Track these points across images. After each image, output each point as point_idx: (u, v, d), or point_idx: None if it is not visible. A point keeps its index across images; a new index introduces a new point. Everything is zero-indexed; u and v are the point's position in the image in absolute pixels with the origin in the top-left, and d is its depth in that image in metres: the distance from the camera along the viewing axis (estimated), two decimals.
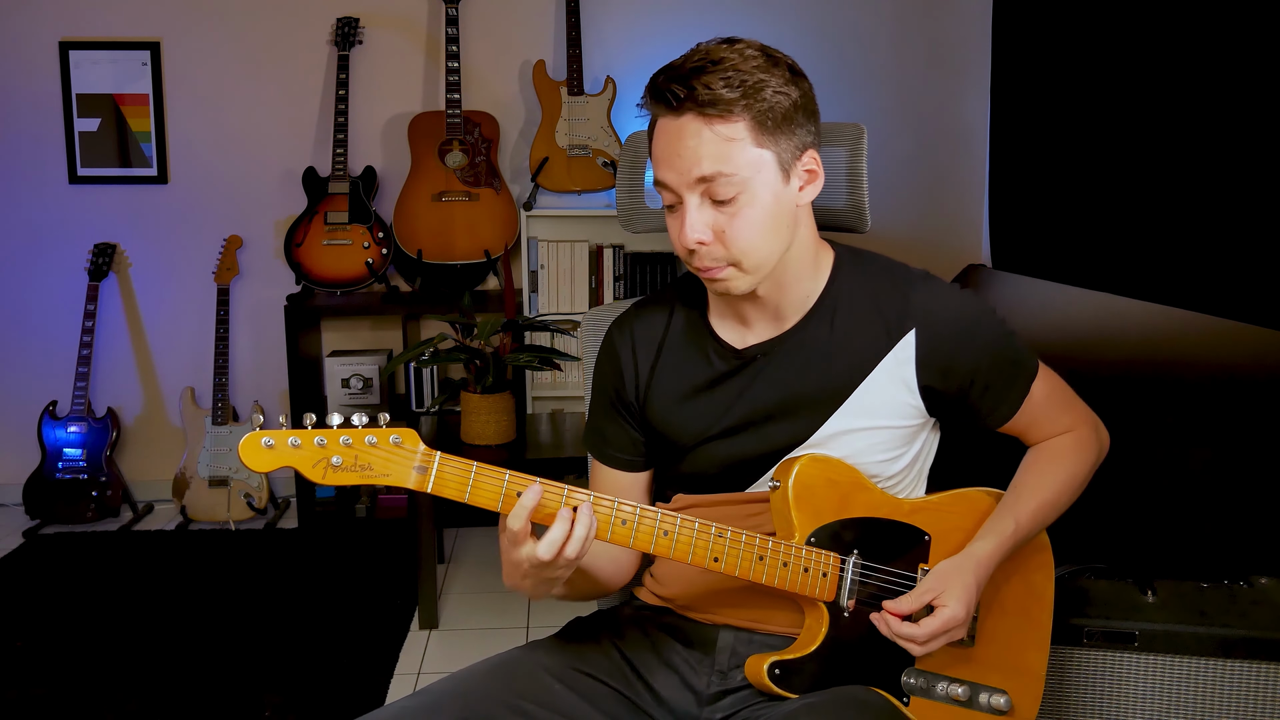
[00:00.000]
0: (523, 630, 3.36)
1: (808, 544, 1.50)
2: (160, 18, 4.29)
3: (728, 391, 1.59)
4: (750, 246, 1.45)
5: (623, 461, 1.68)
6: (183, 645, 3.22)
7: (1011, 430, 1.66)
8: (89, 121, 4.32)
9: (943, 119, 4.53)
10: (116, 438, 4.33)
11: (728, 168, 1.40)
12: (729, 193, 1.41)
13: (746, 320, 1.60)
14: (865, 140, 1.75)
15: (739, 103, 1.39)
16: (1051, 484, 1.63)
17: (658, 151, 1.45)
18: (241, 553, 3.96)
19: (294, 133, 4.37)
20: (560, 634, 1.67)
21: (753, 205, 1.43)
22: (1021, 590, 1.65)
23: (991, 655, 1.61)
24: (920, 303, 1.55)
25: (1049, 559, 1.69)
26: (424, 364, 3.52)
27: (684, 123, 1.40)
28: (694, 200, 1.43)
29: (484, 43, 4.35)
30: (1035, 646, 1.66)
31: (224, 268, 4.27)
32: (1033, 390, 1.62)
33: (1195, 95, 2.68)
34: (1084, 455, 1.67)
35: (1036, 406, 1.63)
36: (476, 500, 1.36)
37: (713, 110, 1.39)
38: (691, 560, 1.45)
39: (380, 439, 1.33)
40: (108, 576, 3.73)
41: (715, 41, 1.44)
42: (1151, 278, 2.80)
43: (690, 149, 1.40)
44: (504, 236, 4.20)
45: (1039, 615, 1.67)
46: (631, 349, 1.66)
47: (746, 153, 1.41)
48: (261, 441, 1.30)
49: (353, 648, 3.22)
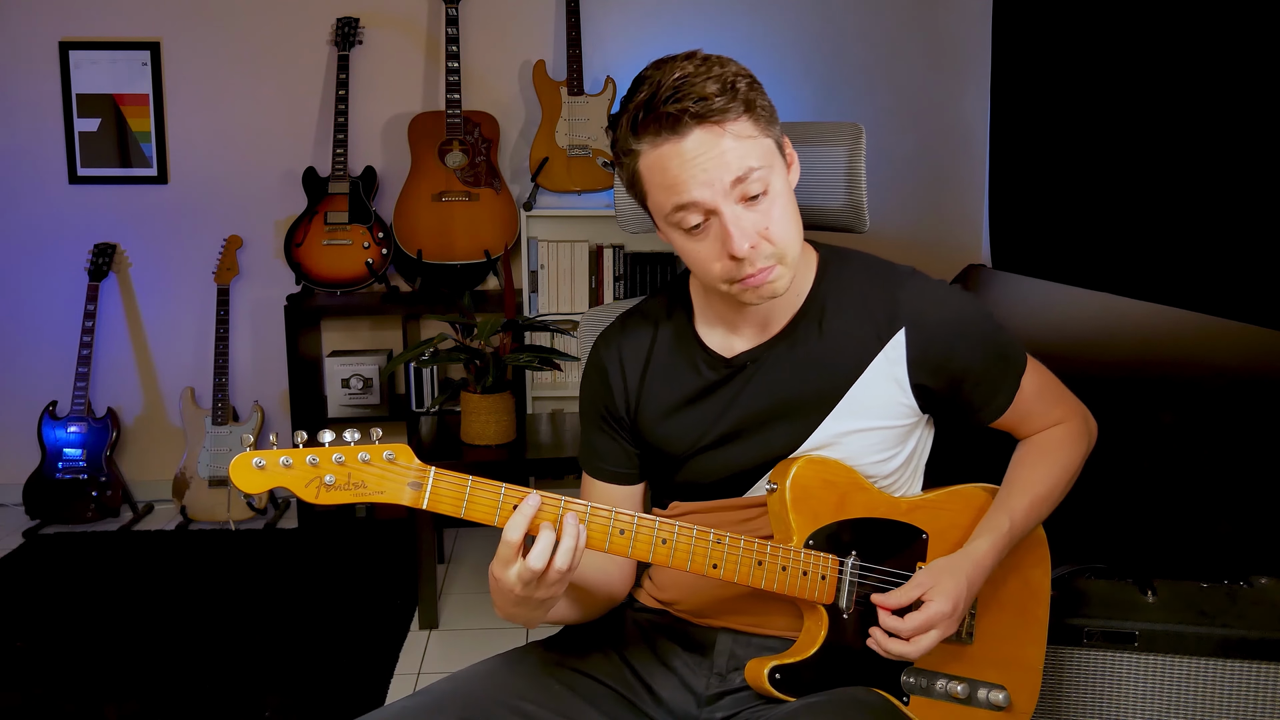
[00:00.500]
0: (523, 630, 3.36)
1: (806, 546, 1.50)
2: (160, 18, 4.29)
3: (719, 401, 1.58)
4: (790, 238, 1.44)
5: (616, 475, 1.67)
6: (183, 645, 3.22)
7: (1004, 425, 1.66)
8: (89, 121, 4.32)
9: (942, 118, 4.53)
10: (116, 438, 4.33)
11: (754, 161, 1.39)
12: (760, 188, 1.39)
13: (734, 326, 1.59)
14: (864, 139, 1.74)
15: (734, 101, 1.38)
16: (1045, 478, 1.63)
17: (669, 177, 1.40)
18: (241, 553, 3.96)
19: (294, 133, 4.37)
20: (560, 634, 1.67)
21: (780, 195, 1.43)
22: (1018, 586, 1.65)
23: (989, 651, 1.61)
24: (909, 301, 1.55)
25: (1046, 555, 1.69)
26: (424, 364, 3.52)
27: (695, 139, 1.37)
28: (732, 209, 1.39)
29: (484, 43, 4.35)
30: (1033, 642, 1.67)
31: (224, 268, 4.27)
32: (1023, 384, 1.62)
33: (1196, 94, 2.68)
34: (1075, 447, 1.67)
35: (1028, 400, 1.63)
36: (473, 515, 1.35)
37: (718, 116, 1.37)
38: (691, 567, 1.45)
39: (373, 455, 1.31)
40: (108, 576, 3.73)
41: (660, 65, 1.41)
42: (1151, 278, 2.80)
43: (714, 158, 1.37)
44: (504, 236, 4.20)
45: (1036, 610, 1.67)
46: (619, 363, 1.65)
47: (759, 145, 1.41)
48: (253, 462, 1.29)
49: (353, 648, 3.22)
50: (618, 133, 1.44)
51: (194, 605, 3.50)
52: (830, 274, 1.58)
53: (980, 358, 1.57)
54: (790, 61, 4.42)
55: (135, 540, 4.10)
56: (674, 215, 1.42)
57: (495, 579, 1.38)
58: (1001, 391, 1.61)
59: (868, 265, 1.61)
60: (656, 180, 1.42)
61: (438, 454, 3.31)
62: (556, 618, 1.55)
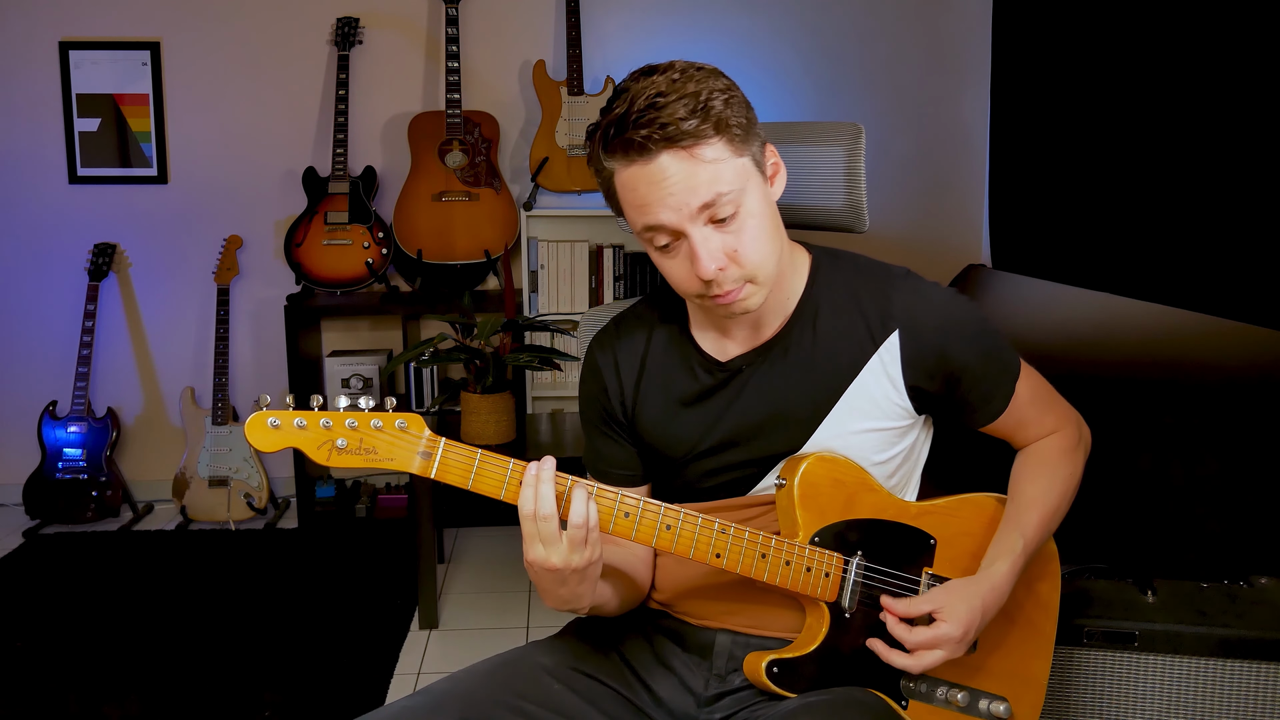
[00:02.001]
0: (523, 630, 3.36)
1: (811, 544, 1.50)
2: (160, 18, 4.29)
3: (714, 405, 1.58)
4: (761, 258, 1.42)
5: (622, 477, 1.67)
6: (183, 645, 3.22)
7: (998, 431, 1.65)
8: (89, 121, 4.32)
9: (942, 118, 4.53)
10: (116, 438, 4.33)
11: (723, 186, 1.37)
12: (729, 210, 1.38)
13: (726, 331, 1.59)
14: (863, 140, 1.74)
15: (707, 123, 1.35)
16: (1051, 492, 1.62)
17: (639, 198, 1.39)
18: (241, 553, 3.96)
19: (294, 133, 4.37)
20: (560, 634, 1.67)
21: (752, 216, 1.41)
22: (1027, 598, 1.64)
23: (993, 662, 1.60)
24: (903, 303, 1.54)
25: (1056, 569, 1.68)
26: (424, 364, 3.52)
27: (662, 163, 1.36)
28: (700, 231, 1.39)
29: (484, 43, 4.35)
30: (1038, 655, 1.66)
31: (224, 268, 4.27)
32: (1018, 389, 1.61)
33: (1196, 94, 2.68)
34: (1075, 457, 1.67)
35: (1022, 406, 1.62)
36: (480, 487, 1.37)
37: (688, 140, 1.35)
38: (694, 555, 1.45)
39: (386, 423, 1.34)
40: (108, 576, 3.73)
41: (639, 77, 1.39)
42: (1152, 278, 2.80)
43: (680, 183, 1.36)
44: (504, 236, 4.20)
45: (1043, 624, 1.66)
46: (614, 366, 1.65)
47: (732, 166, 1.38)
48: (268, 421, 1.33)
49: (353, 648, 3.22)
50: (593, 147, 1.43)
51: (194, 605, 3.50)
52: (823, 276, 1.58)
53: (975, 360, 1.56)
54: (790, 61, 4.42)
55: (135, 540, 4.10)
56: (644, 234, 1.43)
57: (534, 564, 1.39)
58: (997, 396, 1.60)
59: (860, 267, 1.60)
60: (628, 198, 1.41)
61: None
62: (602, 599, 1.54)
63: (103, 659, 3.13)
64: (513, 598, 3.60)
